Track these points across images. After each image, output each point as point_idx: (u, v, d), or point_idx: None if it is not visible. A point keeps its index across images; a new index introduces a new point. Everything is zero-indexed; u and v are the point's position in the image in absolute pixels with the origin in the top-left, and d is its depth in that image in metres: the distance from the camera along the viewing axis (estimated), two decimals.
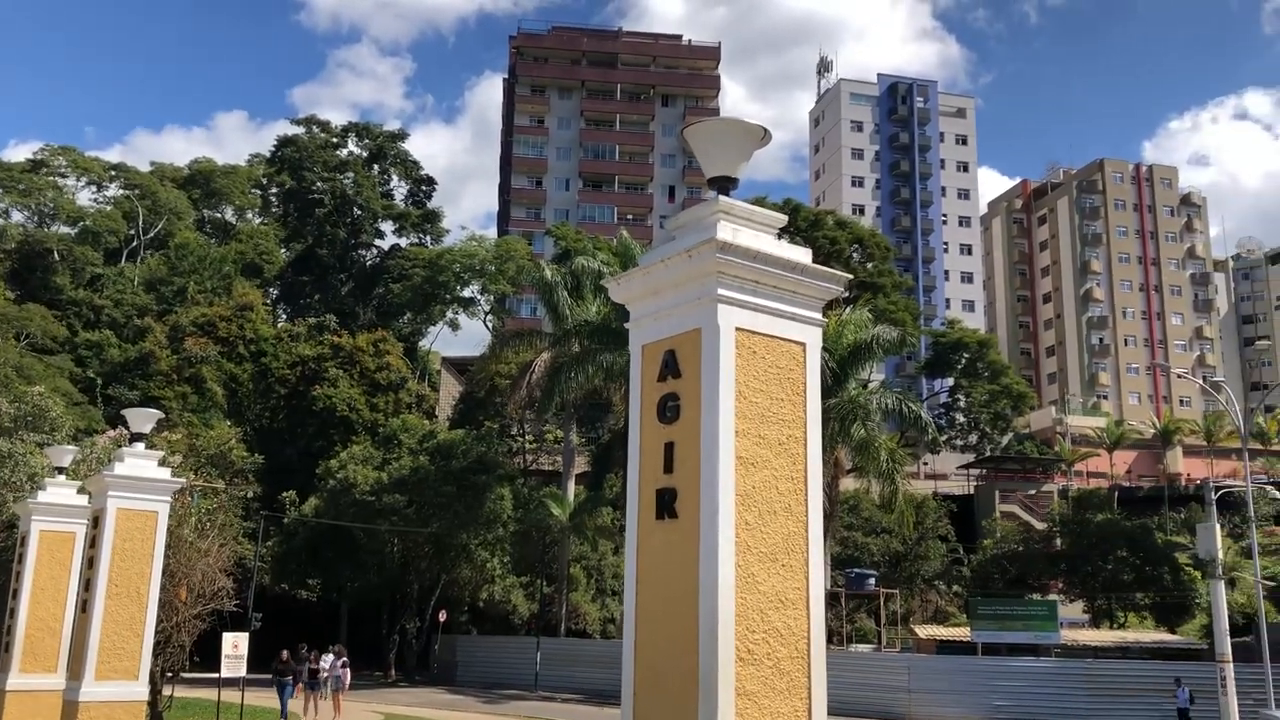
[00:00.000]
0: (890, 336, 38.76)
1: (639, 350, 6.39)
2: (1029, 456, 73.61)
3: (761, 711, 5.66)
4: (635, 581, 6.15)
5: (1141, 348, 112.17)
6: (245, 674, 24.01)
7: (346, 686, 27.01)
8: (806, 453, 6.23)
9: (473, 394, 59.78)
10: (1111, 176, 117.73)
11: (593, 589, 47.92)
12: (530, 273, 49.16)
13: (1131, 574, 51.28)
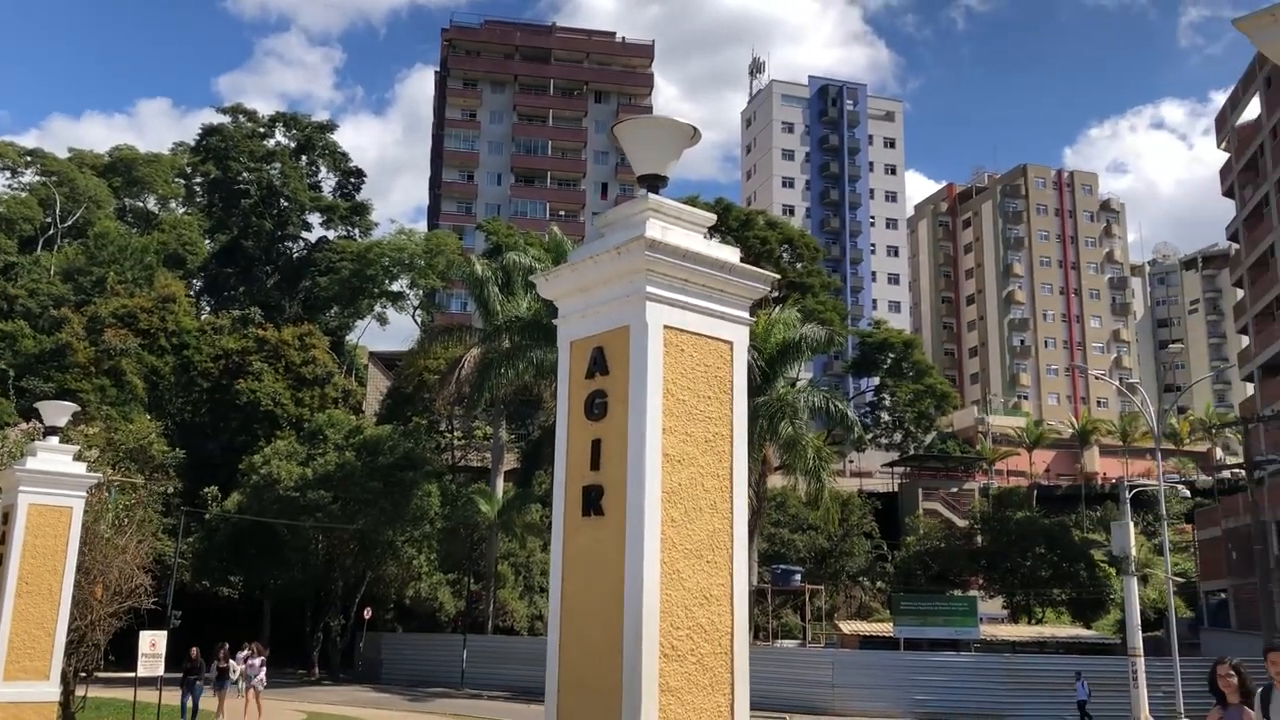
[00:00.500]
0: (818, 336, 39.22)
1: (567, 347, 6.39)
2: (951, 455, 75.03)
3: (684, 707, 5.70)
4: (560, 579, 6.15)
5: (1061, 349, 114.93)
6: (163, 673, 23.51)
7: (261, 684, 26.15)
8: (733, 450, 6.28)
9: (401, 389, 59.16)
10: (1034, 181, 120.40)
11: (521, 586, 47.77)
12: (460, 267, 48.72)
13: (1049, 570, 52.57)
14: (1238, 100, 66.19)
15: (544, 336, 38.80)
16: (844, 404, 43.62)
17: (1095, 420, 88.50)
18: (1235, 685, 7.62)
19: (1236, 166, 65.24)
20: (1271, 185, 58.22)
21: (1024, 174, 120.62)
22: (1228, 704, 7.67)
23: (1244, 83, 64.75)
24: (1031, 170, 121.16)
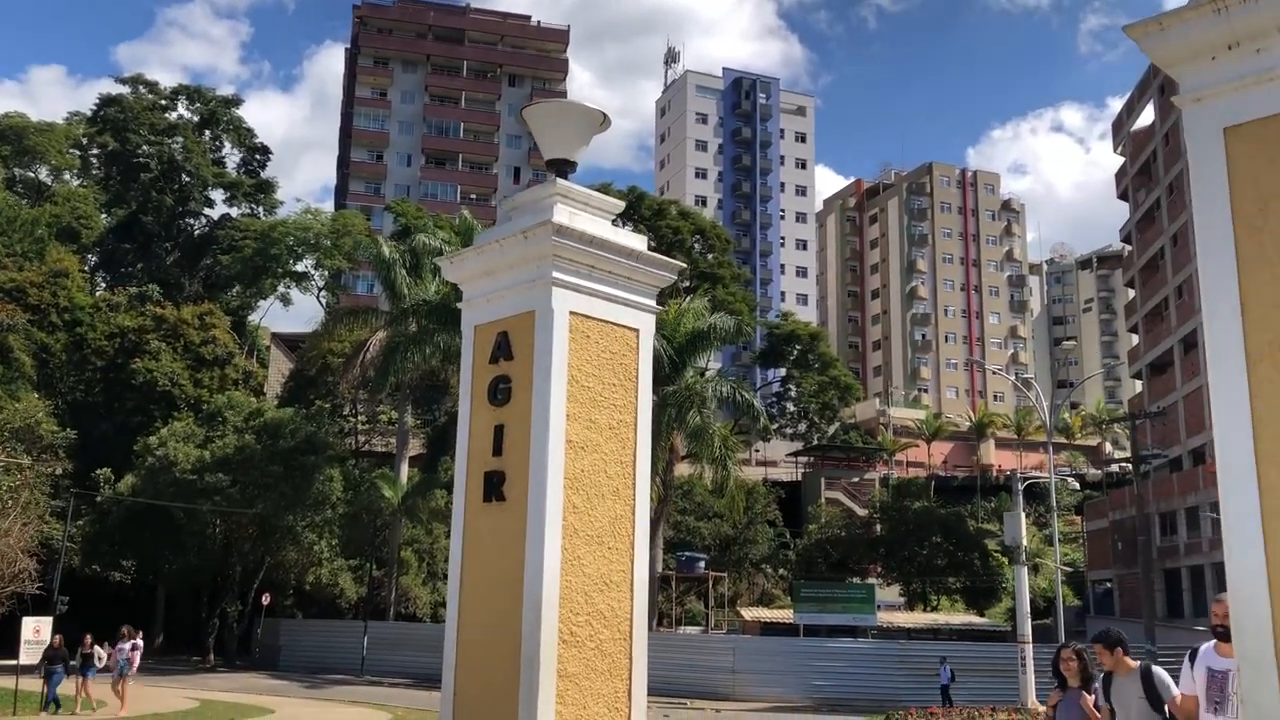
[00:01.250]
0: (727, 326, 39.54)
1: (471, 331, 6.35)
2: (854, 446, 76.41)
3: (582, 692, 5.72)
4: (460, 564, 6.12)
5: (961, 344, 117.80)
6: (22, 661, 22.68)
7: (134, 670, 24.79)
8: (636, 437, 6.31)
9: (304, 372, 58.03)
10: (939, 180, 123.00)
11: (424, 572, 47.33)
12: (368, 249, 47.88)
13: (945, 559, 53.96)
14: (1133, 106, 68.52)
15: (452, 321, 38.39)
16: (751, 394, 44.11)
17: (991, 414, 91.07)
18: (1076, 669, 7.78)
19: (1131, 171, 67.56)
20: (1163, 190, 60.42)
21: (929, 172, 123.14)
22: (1068, 686, 7.82)
23: (1140, 90, 67.03)
24: (937, 169, 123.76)
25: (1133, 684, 7.24)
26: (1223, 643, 6.23)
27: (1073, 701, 7.70)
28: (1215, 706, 6.21)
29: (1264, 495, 3.39)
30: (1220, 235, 3.60)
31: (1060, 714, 7.80)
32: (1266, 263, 3.50)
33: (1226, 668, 6.11)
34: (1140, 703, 7.12)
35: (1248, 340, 3.50)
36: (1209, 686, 6.24)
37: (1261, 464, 3.42)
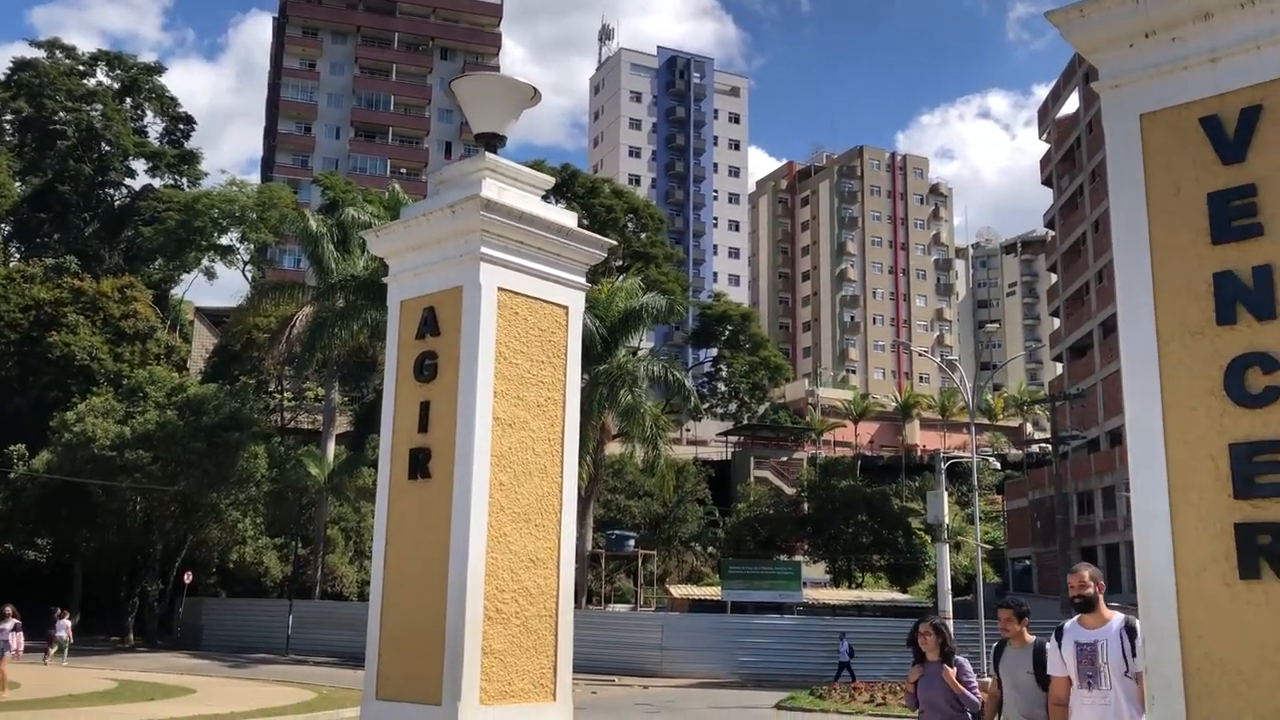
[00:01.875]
0: (660, 305, 39.62)
1: (397, 306, 6.28)
2: (783, 425, 77.20)
3: (507, 669, 5.72)
4: (385, 541, 6.07)
5: (888, 326, 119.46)
6: None
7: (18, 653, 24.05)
8: (565, 415, 6.30)
9: (228, 347, 56.96)
10: (869, 163, 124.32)
11: (351, 551, 46.90)
12: (295, 222, 47.00)
13: (870, 537, 54.87)
14: (1059, 94, 69.86)
15: (380, 296, 37.75)
16: (682, 374, 44.28)
17: (917, 395, 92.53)
18: (934, 644, 7.59)
19: (1055, 157, 68.95)
20: (1086, 176, 61.76)
21: (860, 155, 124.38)
22: (927, 661, 7.62)
23: (1065, 78, 68.35)
24: (867, 152, 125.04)
25: (1024, 657, 7.12)
26: (1084, 614, 6.11)
27: (934, 676, 7.52)
28: (1088, 681, 5.97)
29: (1171, 472, 3.49)
30: (1135, 219, 3.69)
31: (921, 690, 7.60)
32: (1178, 247, 3.59)
33: (1094, 639, 6.00)
34: (1028, 677, 7.03)
35: (1159, 321, 3.59)
36: (1079, 661, 6.02)
37: (1170, 442, 3.51)
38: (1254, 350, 3.41)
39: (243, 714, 18.63)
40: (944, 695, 7.43)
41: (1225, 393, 3.44)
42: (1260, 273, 3.42)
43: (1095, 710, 5.91)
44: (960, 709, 7.40)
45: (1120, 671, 5.85)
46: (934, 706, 7.47)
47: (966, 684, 7.45)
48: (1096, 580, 6.10)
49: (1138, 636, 5.64)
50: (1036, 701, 6.93)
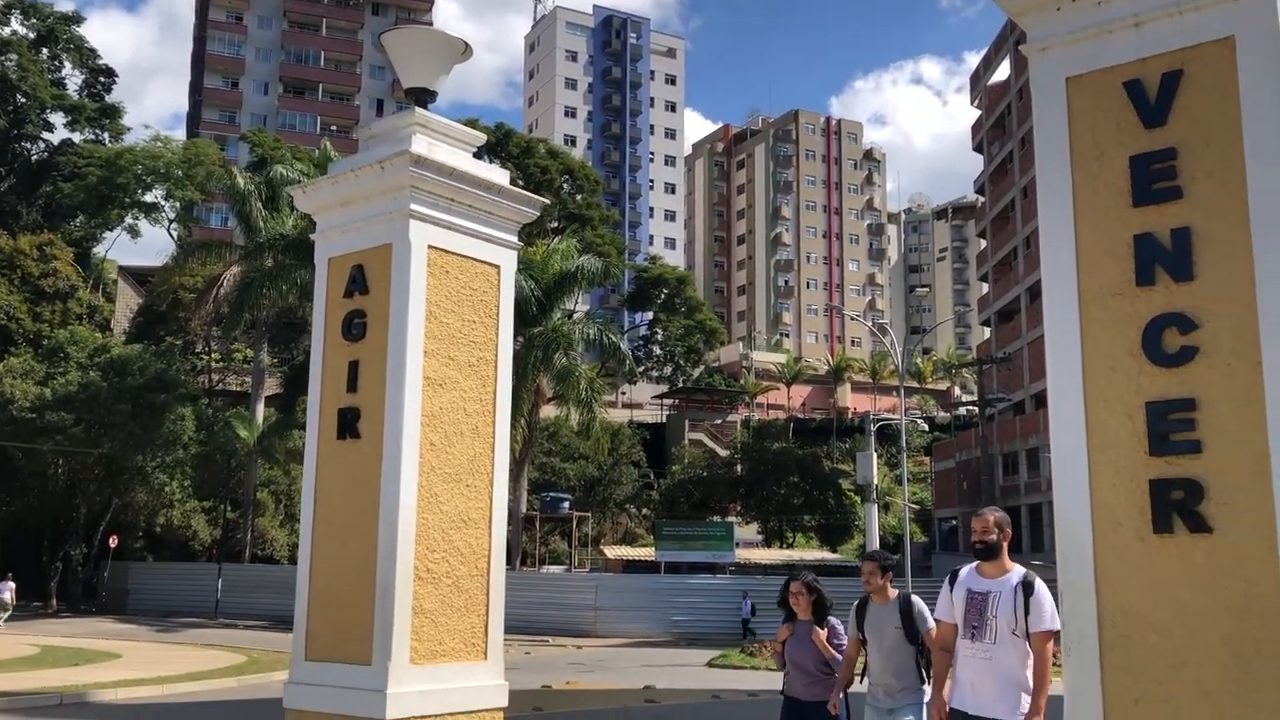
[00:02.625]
0: (595, 268, 39.45)
1: (325, 264, 6.18)
2: (717, 388, 77.68)
3: (438, 628, 5.71)
4: (313, 501, 6.01)
5: (821, 291, 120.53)
6: None
7: None
8: (497, 375, 6.26)
9: (153, 307, 55.63)
10: (805, 127, 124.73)
11: (282, 514, 46.36)
12: (221, 180, 45.96)
13: (801, 498, 55.62)
14: (990, 61, 70.57)
15: (310, 256, 37.13)
16: (618, 337, 44.27)
17: (849, 359, 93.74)
18: (806, 602, 7.15)
19: (986, 124, 69.76)
20: (1016, 143, 62.61)
21: (795, 119, 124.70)
22: (798, 620, 7.20)
23: (997, 45, 69.04)
24: (803, 116, 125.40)
25: (890, 613, 6.74)
26: (984, 562, 5.66)
27: (803, 636, 7.09)
28: (974, 632, 5.52)
29: (1090, 430, 3.57)
30: (1059, 181, 3.74)
31: (790, 650, 7.16)
32: (1101, 209, 3.65)
33: (988, 589, 5.56)
34: (896, 633, 6.65)
35: (1081, 282, 3.66)
36: (967, 610, 5.57)
37: (1089, 400, 3.59)
38: (1171, 311, 3.49)
39: (170, 678, 18.39)
40: (812, 657, 7.04)
41: (1143, 352, 3.52)
42: (1179, 235, 3.50)
43: (975, 664, 5.50)
44: (829, 672, 7.02)
45: (1009, 627, 5.42)
46: (801, 668, 7.09)
47: (837, 647, 7.05)
48: (1002, 528, 5.66)
49: (1034, 594, 5.43)
50: (904, 657, 6.64)
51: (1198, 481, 3.38)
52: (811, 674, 7.03)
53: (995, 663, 5.43)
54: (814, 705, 7.00)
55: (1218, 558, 3.34)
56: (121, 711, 15.18)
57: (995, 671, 5.42)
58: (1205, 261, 3.45)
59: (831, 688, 6.95)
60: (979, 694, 5.47)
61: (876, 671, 6.75)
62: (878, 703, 6.71)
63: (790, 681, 7.20)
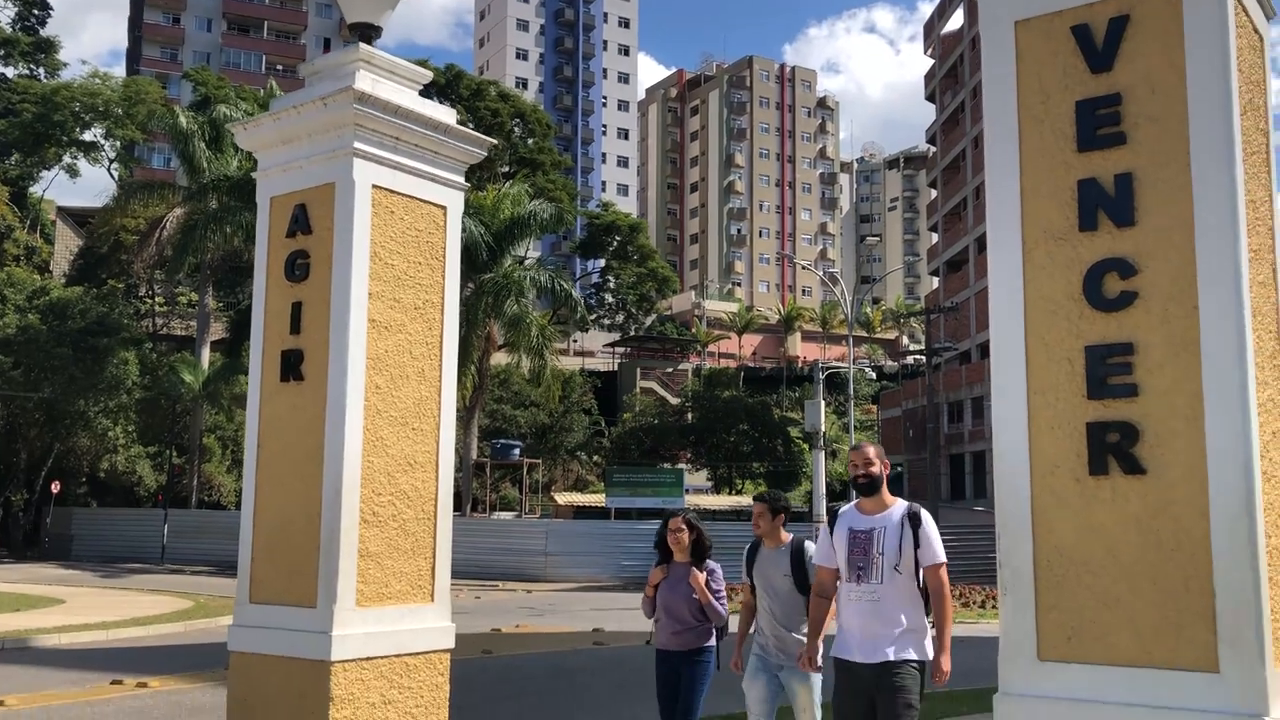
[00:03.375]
0: (547, 214, 39.12)
1: (267, 202, 6.06)
2: (669, 337, 77.88)
3: (384, 571, 5.70)
4: (257, 445, 5.94)
5: (774, 239, 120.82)
6: None
7: None
8: (444, 318, 6.20)
9: (94, 249, 54.42)
10: (759, 74, 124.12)
11: (229, 459, 45.97)
12: (163, 119, 44.74)
13: (751, 446, 56.15)
14: (944, 10, 70.53)
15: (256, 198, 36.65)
16: (570, 284, 44.07)
17: (800, 308, 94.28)
18: (687, 542, 6.53)
19: (939, 73, 69.87)
20: (968, 93, 62.82)
21: (750, 66, 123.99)
22: (674, 562, 6.57)
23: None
24: (757, 63, 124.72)
25: (780, 558, 6.21)
26: (865, 498, 5.32)
27: (679, 578, 6.45)
28: (858, 574, 5.16)
29: (1030, 374, 3.62)
30: (1006, 125, 3.75)
31: (663, 595, 6.49)
32: (1046, 153, 3.67)
33: (870, 526, 5.21)
34: (785, 581, 6.12)
35: (1025, 226, 3.68)
36: (851, 551, 5.21)
37: (1030, 344, 3.63)
38: (1112, 256, 3.53)
39: (115, 623, 18.26)
40: (688, 602, 6.37)
41: (1084, 297, 3.56)
42: (1121, 180, 3.52)
43: (860, 607, 5.14)
44: (703, 620, 6.37)
45: (894, 564, 5.08)
46: (674, 614, 6.40)
47: (715, 593, 6.39)
48: (882, 459, 5.34)
49: (923, 526, 5.13)
50: (795, 607, 6.11)
51: (1133, 424, 3.45)
52: (686, 621, 6.39)
53: (883, 604, 5.09)
54: (686, 656, 6.38)
55: (1150, 498, 3.41)
56: (66, 656, 15.05)
57: (882, 613, 5.09)
58: (1146, 207, 3.49)
59: (706, 636, 6.35)
60: (866, 639, 5.12)
61: (765, 622, 6.18)
62: (766, 655, 6.16)
63: (660, 631, 6.52)
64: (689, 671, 6.34)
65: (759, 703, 6.16)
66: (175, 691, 11.77)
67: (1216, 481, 3.30)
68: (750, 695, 6.20)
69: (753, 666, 6.19)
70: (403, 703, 5.72)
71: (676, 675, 6.38)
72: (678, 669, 6.37)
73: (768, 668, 6.14)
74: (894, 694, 5.03)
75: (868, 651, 5.09)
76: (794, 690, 6.07)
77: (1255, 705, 3.19)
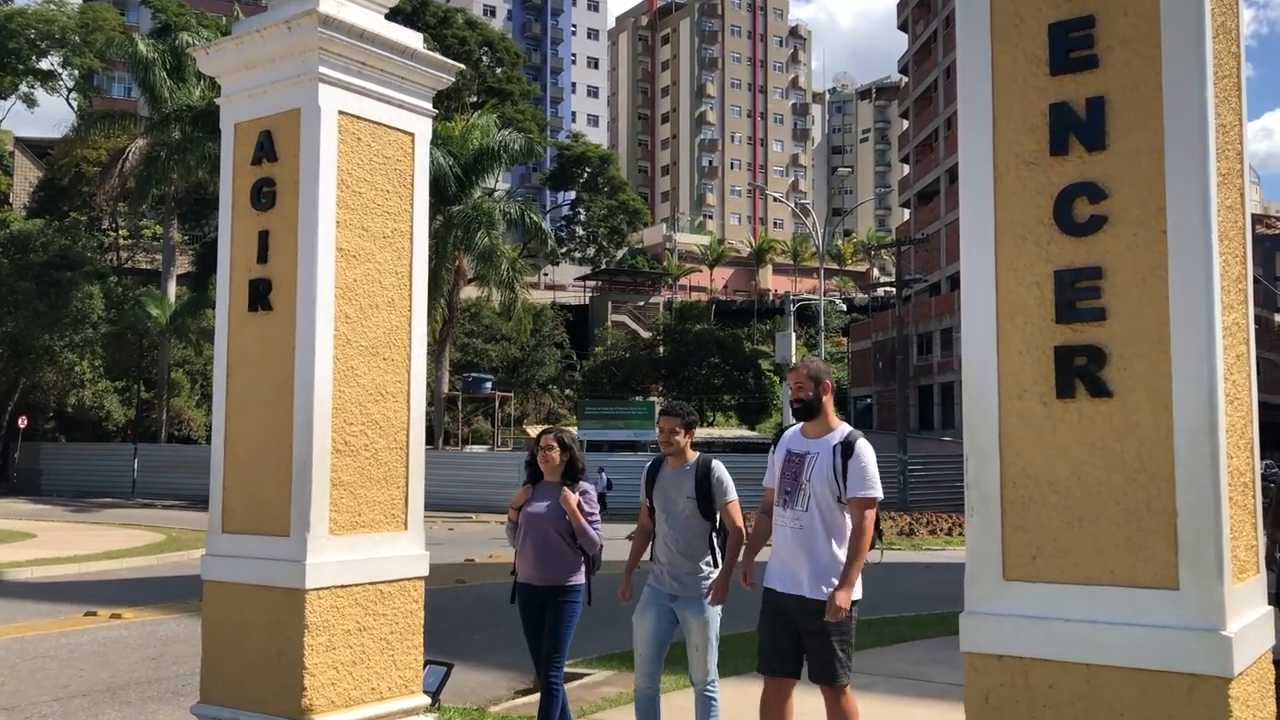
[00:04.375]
0: (517, 144, 38.70)
1: (231, 129, 5.96)
2: (640, 270, 77.71)
3: (357, 500, 5.72)
4: (226, 375, 5.91)
5: (745, 171, 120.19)
6: None
7: None
8: (413, 247, 6.16)
9: (55, 181, 53.38)
10: (730, 1, 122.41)
11: (198, 394, 45.73)
12: (123, 47, 43.70)
13: (722, 378, 56.47)
14: None
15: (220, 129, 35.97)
16: (540, 216, 43.83)
17: (771, 240, 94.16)
18: (559, 461, 5.88)
19: (912, 2, 69.17)
20: (940, 22, 62.31)
21: None
22: (543, 481, 5.95)
23: None
24: None
25: (684, 479, 5.60)
26: (806, 422, 5.05)
27: (547, 495, 5.83)
28: (785, 498, 4.94)
29: (1000, 299, 3.64)
30: (979, 47, 3.72)
31: (527, 517, 5.88)
32: (1019, 77, 3.65)
33: (806, 451, 4.97)
34: (688, 503, 5.54)
35: (996, 151, 3.68)
36: (783, 473, 4.99)
37: (1000, 269, 3.65)
38: (1083, 180, 3.53)
39: (87, 557, 18.27)
40: (555, 522, 5.76)
41: (1054, 221, 3.57)
42: (1093, 104, 3.51)
43: (785, 534, 4.92)
44: (574, 546, 5.78)
45: (825, 493, 4.84)
46: (541, 538, 5.78)
47: (589, 517, 5.79)
48: (820, 380, 5.03)
49: (854, 455, 4.86)
50: (695, 533, 5.54)
51: (1101, 348, 3.48)
52: (555, 545, 5.77)
53: (806, 533, 4.84)
54: (552, 592, 5.75)
55: (1115, 421, 3.46)
56: (38, 589, 15.07)
57: (805, 543, 4.83)
58: (1117, 131, 3.49)
59: (575, 568, 5.72)
60: (786, 568, 4.87)
61: (661, 549, 5.61)
62: (660, 585, 5.58)
63: (522, 560, 5.87)
64: (555, 610, 5.70)
65: (648, 640, 5.55)
66: (149, 622, 11.83)
67: (1181, 404, 3.35)
68: (639, 631, 5.59)
69: (644, 600, 5.59)
70: (377, 629, 5.78)
71: (543, 609, 5.77)
72: (543, 605, 5.75)
73: (660, 601, 5.54)
74: (818, 637, 4.76)
75: (787, 581, 4.85)
76: (688, 624, 5.45)
77: (1213, 620, 3.27)
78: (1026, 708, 3.52)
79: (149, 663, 9.46)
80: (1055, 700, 3.48)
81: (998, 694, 3.58)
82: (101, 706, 7.75)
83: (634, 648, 5.63)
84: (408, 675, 5.96)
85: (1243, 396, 3.64)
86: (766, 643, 4.95)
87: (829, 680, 4.74)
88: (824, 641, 4.73)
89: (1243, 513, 3.58)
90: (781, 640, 4.86)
